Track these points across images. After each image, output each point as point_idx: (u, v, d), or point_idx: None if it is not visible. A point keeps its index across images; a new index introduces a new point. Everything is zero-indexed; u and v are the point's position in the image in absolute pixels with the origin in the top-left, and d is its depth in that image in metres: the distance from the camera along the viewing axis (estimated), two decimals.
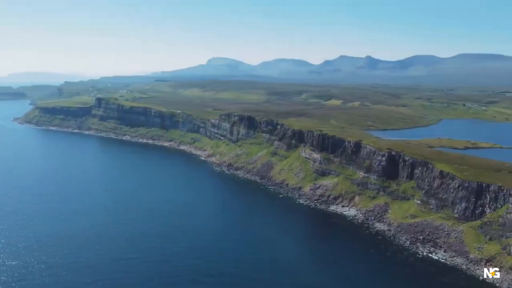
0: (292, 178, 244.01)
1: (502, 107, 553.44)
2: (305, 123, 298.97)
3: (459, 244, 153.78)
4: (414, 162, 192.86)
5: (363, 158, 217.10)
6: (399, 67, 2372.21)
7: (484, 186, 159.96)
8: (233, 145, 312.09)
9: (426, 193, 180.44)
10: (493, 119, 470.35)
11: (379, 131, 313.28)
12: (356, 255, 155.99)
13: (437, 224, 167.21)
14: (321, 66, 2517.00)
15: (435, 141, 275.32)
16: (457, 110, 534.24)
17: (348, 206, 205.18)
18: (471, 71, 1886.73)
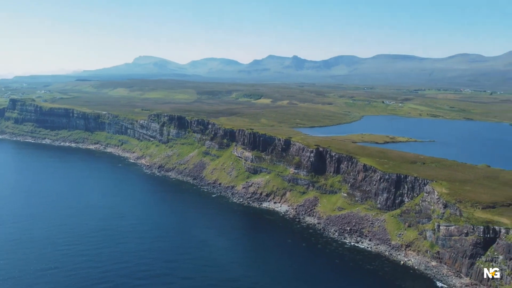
0: (224, 177, 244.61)
1: (416, 104, 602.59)
2: (236, 122, 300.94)
3: (382, 233, 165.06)
4: (340, 157, 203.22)
5: (293, 155, 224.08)
6: (324, 66, 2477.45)
7: (402, 177, 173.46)
8: (164, 146, 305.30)
9: (351, 186, 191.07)
10: (408, 115, 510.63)
11: (307, 128, 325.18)
12: (289, 249, 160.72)
13: (362, 215, 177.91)
14: (250, 66, 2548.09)
15: (358, 136, 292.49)
16: (377, 107, 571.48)
17: (280, 202, 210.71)
18: (388, 71, 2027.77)
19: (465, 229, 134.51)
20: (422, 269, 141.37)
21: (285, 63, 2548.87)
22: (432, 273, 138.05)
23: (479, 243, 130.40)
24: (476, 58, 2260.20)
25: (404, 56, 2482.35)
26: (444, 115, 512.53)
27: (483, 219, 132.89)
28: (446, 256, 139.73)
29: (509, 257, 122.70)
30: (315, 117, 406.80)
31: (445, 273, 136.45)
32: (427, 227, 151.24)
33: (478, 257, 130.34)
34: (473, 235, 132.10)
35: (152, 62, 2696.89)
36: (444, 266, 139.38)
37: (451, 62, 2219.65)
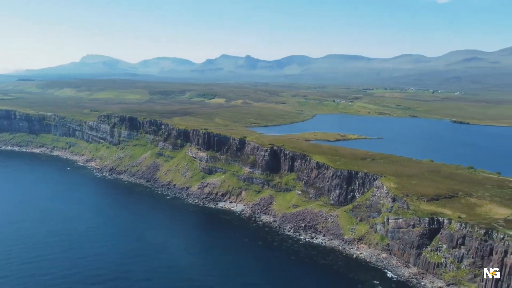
0: (179, 178, 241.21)
1: (365, 103, 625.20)
2: (190, 122, 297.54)
3: (335, 228, 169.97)
4: (294, 155, 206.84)
5: (248, 154, 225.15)
6: (276, 66, 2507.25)
7: (353, 174, 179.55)
8: (115, 148, 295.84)
9: (305, 184, 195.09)
10: (358, 113, 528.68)
11: (261, 128, 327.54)
12: (246, 248, 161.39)
13: (316, 211, 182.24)
14: (204, 65, 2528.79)
15: (311, 135, 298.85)
16: (328, 106, 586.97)
17: (236, 201, 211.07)
18: (338, 71, 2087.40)
19: (412, 221, 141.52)
20: (373, 261, 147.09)
21: (239, 62, 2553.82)
22: (383, 264, 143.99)
23: (425, 234, 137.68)
24: (419, 58, 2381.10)
25: (353, 57, 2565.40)
26: (391, 113, 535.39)
27: (428, 211, 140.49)
28: (395, 248, 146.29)
29: (451, 245, 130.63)
30: (269, 116, 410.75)
31: (394, 264, 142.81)
32: (377, 220, 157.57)
33: (424, 247, 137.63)
34: (419, 226, 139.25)
35: (101, 61, 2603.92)
36: (394, 257, 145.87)
37: (397, 62, 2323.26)
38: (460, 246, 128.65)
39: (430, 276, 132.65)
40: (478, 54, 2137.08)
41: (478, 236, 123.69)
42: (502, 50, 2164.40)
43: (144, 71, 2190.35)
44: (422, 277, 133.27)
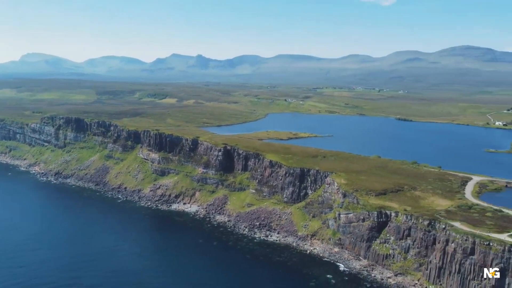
0: (130, 181, 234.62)
1: (315, 102, 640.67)
2: (140, 123, 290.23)
3: (289, 225, 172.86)
4: (247, 154, 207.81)
5: (201, 154, 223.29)
6: (228, 66, 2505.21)
7: (305, 171, 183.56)
8: (60, 151, 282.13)
9: (259, 182, 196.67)
10: (309, 112, 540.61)
11: (214, 127, 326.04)
12: (200, 249, 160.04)
13: (270, 209, 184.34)
14: (154, 64, 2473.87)
15: (264, 134, 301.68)
16: (280, 105, 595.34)
17: (190, 202, 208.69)
18: (289, 70, 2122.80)
19: (362, 216, 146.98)
20: (326, 256, 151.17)
21: (190, 62, 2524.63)
22: (335, 258, 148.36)
23: (374, 227, 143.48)
24: (365, 58, 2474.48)
25: (303, 56, 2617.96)
26: (340, 111, 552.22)
27: (376, 205, 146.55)
28: (347, 242, 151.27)
29: (398, 237, 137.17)
30: (222, 116, 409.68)
31: (346, 257, 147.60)
32: (329, 216, 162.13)
33: (374, 240, 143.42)
34: (368, 220, 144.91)
35: (43, 59, 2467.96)
36: (346, 251, 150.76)
37: (345, 62, 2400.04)
38: (406, 237, 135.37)
39: (380, 268, 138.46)
40: (419, 55, 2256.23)
41: (422, 227, 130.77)
42: (441, 51, 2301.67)
43: (90, 71, 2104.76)
44: (372, 269, 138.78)
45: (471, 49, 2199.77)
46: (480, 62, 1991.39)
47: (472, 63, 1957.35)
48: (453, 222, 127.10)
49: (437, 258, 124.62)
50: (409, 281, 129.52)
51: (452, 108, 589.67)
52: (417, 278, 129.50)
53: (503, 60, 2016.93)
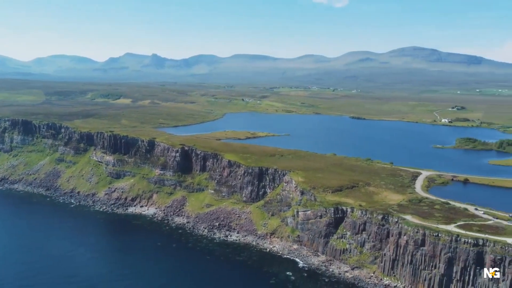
0: (83, 185, 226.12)
1: (272, 101, 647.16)
2: (94, 125, 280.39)
3: (248, 224, 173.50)
4: (205, 155, 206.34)
5: (158, 155, 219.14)
6: (184, 65, 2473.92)
7: (264, 170, 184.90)
8: (6, 155, 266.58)
9: (218, 183, 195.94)
10: (266, 111, 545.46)
11: (171, 128, 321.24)
12: (159, 252, 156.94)
13: (229, 209, 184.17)
14: (106, 64, 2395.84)
15: (222, 133, 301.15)
16: (238, 104, 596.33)
17: (147, 205, 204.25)
18: (246, 70, 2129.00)
19: (319, 212, 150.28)
20: (285, 253, 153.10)
21: (145, 61, 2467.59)
22: (294, 255, 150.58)
23: (331, 223, 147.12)
24: (320, 58, 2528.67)
25: (260, 56, 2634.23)
26: (297, 110, 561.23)
27: (333, 201, 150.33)
28: (305, 239, 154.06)
29: (354, 232, 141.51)
30: (179, 116, 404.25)
31: (305, 254, 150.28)
32: (288, 214, 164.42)
33: (331, 236, 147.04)
34: (326, 216, 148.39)
35: None
36: (304, 248, 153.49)
37: (300, 62, 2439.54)
38: (362, 232, 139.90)
39: (337, 262, 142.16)
40: (371, 55, 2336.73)
41: (377, 221, 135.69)
42: (391, 52, 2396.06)
43: (38, 70, 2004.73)
44: (330, 264, 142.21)
45: (419, 50, 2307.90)
46: (427, 62, 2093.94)
47: (420, 63, 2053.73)
48: (405, 215, 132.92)
49: (391, 250, 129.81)
50: (365, 274, 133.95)
51: (402, 106, 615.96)
52: (372, 270, 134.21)
53: (447, 61, 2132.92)
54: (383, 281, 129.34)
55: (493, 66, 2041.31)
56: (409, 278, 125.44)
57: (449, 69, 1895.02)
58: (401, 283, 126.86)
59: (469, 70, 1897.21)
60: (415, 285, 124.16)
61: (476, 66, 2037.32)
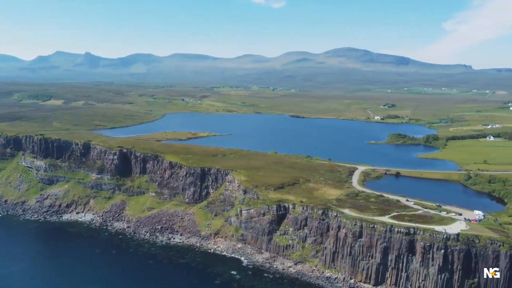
0: (11, 193, 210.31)
1: (213, 101, 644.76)
2: (21, 128, 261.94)
3: (192, 225, 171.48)
4: (145, 157, 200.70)
5: (94, 159, 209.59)
6: (120, 64, 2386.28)
7: (206, 170, 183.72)
8: None
9: (159, 185, 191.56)
10: (207, 111, 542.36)
11: (108, 130, 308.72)
12: (98, 260, 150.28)
13: (172, 212, 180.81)
14: (34, 62, 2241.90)
15: (162, 134, 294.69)
16: (178, 104, 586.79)
17: (84, 211, 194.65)
18: (185, 69, 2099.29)
19: (262, 210, 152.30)
20: (230, 252, 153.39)
21: (77, 60, 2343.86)
22: (239, 254, 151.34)
23: (274, 220, 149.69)
24: (259, 58, 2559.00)
25: (199, 56, 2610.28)
26: (237, 110, 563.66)
27: (275, 199, 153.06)
28: (249, 237, 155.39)
29: (296, 228, 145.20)
30: (116, 117, 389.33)
31: (249, 252, 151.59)
32: (231, 213, 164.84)
33: (274, 233, 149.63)
34: (268, 214, 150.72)
35: None
36: (248, 246, 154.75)
37: (240, 62, 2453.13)
38: (303, 227, 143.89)
39: (281, 258, 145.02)
40: (308, 55, 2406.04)
41: (317, 216, 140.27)
42: (326, 52, 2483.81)
43: None
44: (274, 260, 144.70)
45: (352, 50, 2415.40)
46: (360, 62, 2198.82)
47: (354, 63, 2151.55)
48: (343, 209, 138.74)
49: (331, 243, 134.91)
50: (308, 268, 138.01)
51: (338, 104, 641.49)
52: (314, 264, 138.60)
53: (378, 61, 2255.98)
54: (325, 274, 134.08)
55: (419, 66, 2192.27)
56: (348, 269, 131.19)
57: (380, 69, 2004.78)
58: (341, 274, 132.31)
59: (398, 70, 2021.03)
60: (354, 275, 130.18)
61: (404, 66, 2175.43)
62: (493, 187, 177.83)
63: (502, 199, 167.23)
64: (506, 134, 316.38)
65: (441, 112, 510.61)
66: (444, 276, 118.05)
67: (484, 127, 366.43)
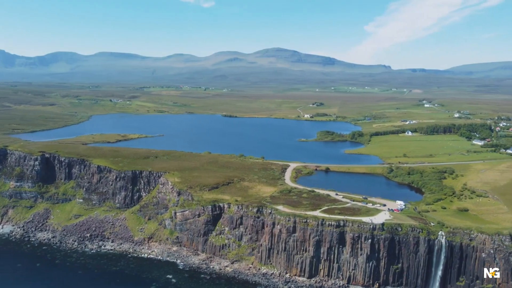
0: None
1: (143, 101, 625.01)
2: None
3: (124, 231, 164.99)
4: (70, 161, 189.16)
5: (12, 166, 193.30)
6: (40, 63, 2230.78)
7: (138, 173, 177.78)
8: None
9: (87, 190, 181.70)
10: (137, 112, 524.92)
11: (27, 134, 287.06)
12: (20, 275, 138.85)
13: (101, 218, 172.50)
14: None
15: (89, 137, 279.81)
16: (105, 106, 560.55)
17: (1, 223, 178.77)
18: (112, 69, 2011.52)
19: (197, 211, 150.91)
20: (165, 256, 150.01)
21: None
22: (174, 257, 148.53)
23: (209, 221, 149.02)
24: (190, 58, 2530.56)
25: (127, 55, 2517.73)
26: (169, 110, 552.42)
27: (210, 199, 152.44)
28: (185, 239, 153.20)
29: (232, 227, 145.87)
30: (36, 120, 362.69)
31: (185, 254, 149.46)
32: (166, 216, 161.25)
33: (210, 233, 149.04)
34: (204, 214, 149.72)
35: None
36: (184, 248, 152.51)
37: (170, 61, 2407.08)
38: (239, 226, 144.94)
39: (217, 258, 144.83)
40: (239, 55, 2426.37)
41: (252, 214, 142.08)
42: (256, 52, 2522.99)
43: None
44: (210, 261, 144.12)
45: (281, 51, 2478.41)
46: (289, 62, 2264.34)
47: (283, 64, 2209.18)
48: (277, 206, 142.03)
49: (266, 240, 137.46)
50: (244, 266, 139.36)
51: (270, 103, 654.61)
52: (251, 262, 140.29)
53: (306, 61, 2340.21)
54: (261, 271, 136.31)
55: (344, 67, 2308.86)
56: (284, 264, 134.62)
57: (308, 69, 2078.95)
58: (277, 270, 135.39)
59: (325, 70, 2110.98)
60: (289, 270, 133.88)
61: (330, 67, 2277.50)
62: (412, 178, 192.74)
63: (420, 189, 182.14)
64: (422, 129, 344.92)
65: (365, 110, 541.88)
66: (372, 264, 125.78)
67: (403, 123, 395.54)
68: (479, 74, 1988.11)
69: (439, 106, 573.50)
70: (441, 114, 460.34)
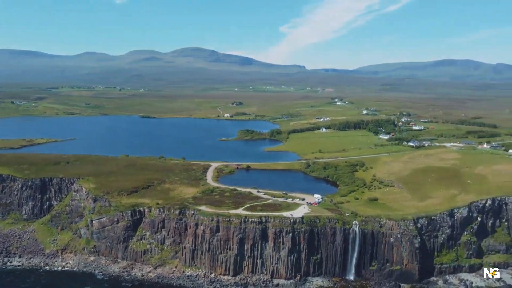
0: None
1: (51, 103, 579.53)
2: None
3: (33, 244, 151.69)
4: None
5: None
6: None
7: (47, 181, 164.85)
8: None
9: None
10: (44, 115, 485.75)
11: None
12: None
13: (6, 232, 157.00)
14: None
15: None
16: (6, 108, 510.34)
17: None
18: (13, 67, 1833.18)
19: (116, 217, 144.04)
20: (82, 267, 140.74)
21: None
22: (92, 268, 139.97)
23: (129, 227, 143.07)
24: (103, 56, 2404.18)
25: (31, 53, 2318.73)
26: (81, 112, 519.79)
27: (129, 204, 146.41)
28: (103, 248, 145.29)
29: (154, 231, 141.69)
30: None
31: (104, 264, 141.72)
32: (81, 225, 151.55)
33: (130, 239, 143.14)
34: (123, 220, 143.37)
35: None
36: (103, 257, 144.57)
37: (81, 60, 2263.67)
38: (161, 229, 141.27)
39: (139, 265, 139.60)
40: (156, 54, 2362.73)
41: (174, 216, 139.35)
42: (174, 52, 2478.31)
43: None
44: (132, 268, 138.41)
45: (199, 50, 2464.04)
46: (207, 62, 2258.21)
47: (201, 63, 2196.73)
48: (200, 206, 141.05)
49: (190, 242, 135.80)
50: (168, 270, 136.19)
51: (189, 103, 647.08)
52: (174, 265, 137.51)
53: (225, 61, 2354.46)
54: (185, 273, 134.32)
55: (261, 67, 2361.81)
56: (208, 265, 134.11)
57: (226, 68, 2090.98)
58: (202, 271, 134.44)
59: (243, 69, 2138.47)
60: (214, 270, 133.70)
61: (248, 66, 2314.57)
62: (327, 173, 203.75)
63: (335, 182, 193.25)
64: (335, 126, 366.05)
65: (282, 108, 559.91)
66: (293, 257, 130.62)
67: (318, 120, 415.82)
68: (383, 74, 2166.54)
69: (349, 103, 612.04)
70: (351, 111, 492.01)
